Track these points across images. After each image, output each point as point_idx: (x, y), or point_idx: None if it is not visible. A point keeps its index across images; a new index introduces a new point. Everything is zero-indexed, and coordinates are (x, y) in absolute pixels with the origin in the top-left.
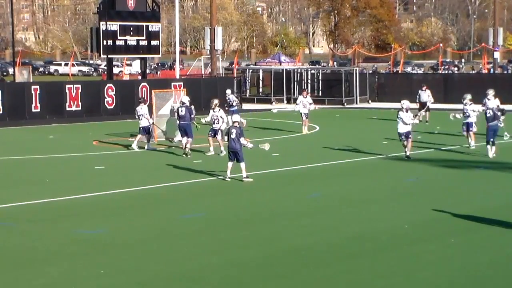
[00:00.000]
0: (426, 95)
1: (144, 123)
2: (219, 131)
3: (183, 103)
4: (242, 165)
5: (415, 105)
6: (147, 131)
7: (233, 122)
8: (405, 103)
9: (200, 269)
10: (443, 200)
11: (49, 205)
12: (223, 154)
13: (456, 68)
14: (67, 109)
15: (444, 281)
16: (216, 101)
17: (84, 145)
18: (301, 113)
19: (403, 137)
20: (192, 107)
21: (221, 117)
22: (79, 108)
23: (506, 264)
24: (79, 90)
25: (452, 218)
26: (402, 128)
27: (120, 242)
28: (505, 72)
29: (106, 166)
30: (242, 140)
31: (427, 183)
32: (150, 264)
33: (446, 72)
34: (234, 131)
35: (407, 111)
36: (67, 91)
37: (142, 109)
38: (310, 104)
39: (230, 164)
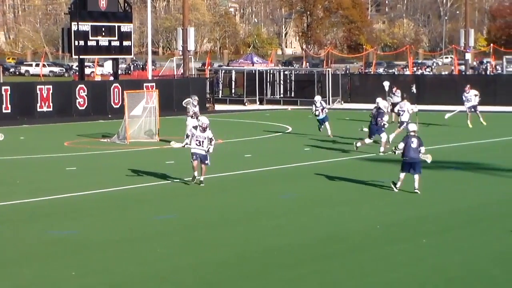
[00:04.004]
0: (396, 97)
1: None
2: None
3: (379, 108)
4: (417, 176)
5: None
6: None
7: (411, 131)
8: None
9: (173, 270)
10: (415, 200)
11: (20, 206)
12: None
13: (428, 69)
14: (38, 110)
15: (416, 281)
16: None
17: (56, 146)
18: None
19: None
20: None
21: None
22: (51, 109)
23: (478, 264)
24: (51, 91)
25: (424, 219)
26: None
27: (92, 243)
28: (477, 72)
29: (77, 167)
30: (423, 149)
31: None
32: (122, 265)
33: (417, 73)
34: (415, 140)
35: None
36: (38, 91)
37: None
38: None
39: (402, 175)
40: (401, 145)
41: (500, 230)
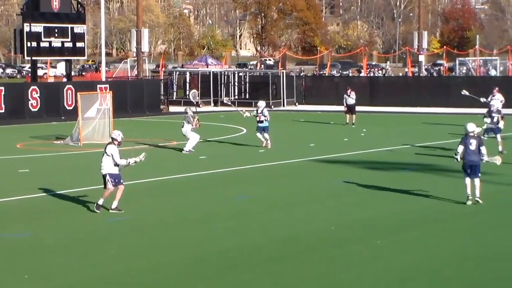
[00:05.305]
0: (351, 98)
1: None
2: None
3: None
4: (477, 182)
5: (343, 108)
6: None
7: (470, 132)
8: None
9: (127, 272)
10: (368, 202)
11: None
12: None
13: (383, 71)
14: None
15: (369, 282)
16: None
17: (8, 148)
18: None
19: None
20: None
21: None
22: (3, 111)
23: (430, 265)
24: (2, 92)
25: (378, 220)
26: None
27: (45, 245)
28: (429, 75)
29: (30, 169)
30: (483, 150)
31: (353, 185)
32: (76, 268)
33: (372, 75)
34: (473, 141)
35: None
36: None
37: None
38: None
39: (468, 181)
40: (460, 148)
41: (453, 231)
